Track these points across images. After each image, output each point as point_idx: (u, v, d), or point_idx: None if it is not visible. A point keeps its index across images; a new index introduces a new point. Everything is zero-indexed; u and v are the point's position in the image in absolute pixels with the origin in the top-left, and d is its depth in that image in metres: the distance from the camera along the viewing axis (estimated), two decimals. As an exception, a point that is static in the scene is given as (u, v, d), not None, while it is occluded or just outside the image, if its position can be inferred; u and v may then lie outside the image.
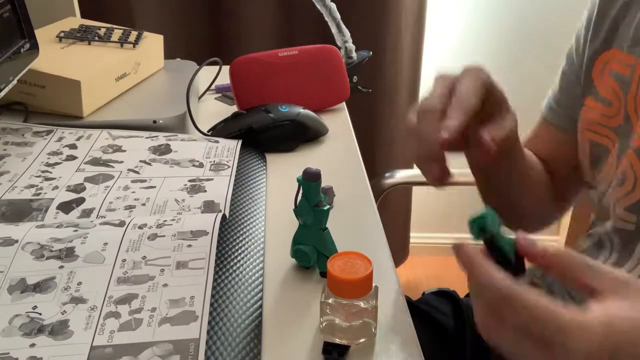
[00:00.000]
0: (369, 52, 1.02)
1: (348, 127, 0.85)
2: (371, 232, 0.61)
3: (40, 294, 0.46)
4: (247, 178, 0.68)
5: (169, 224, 0.53)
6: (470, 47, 1.68)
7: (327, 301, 0.46)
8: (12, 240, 0.51)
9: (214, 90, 0.97)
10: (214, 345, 0.44)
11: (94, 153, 0.70)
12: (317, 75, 0.86)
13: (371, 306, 0.46)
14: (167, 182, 0.64)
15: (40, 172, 0.66)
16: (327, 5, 0.95)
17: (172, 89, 0.88)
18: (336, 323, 0.46)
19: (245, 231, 0.58)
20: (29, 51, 0.74)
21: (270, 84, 0.83)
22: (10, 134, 0.74)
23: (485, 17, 1.65)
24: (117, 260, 0.49)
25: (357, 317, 0.46)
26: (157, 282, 0.48)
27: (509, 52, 1.69)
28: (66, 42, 0.87)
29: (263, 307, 0.50)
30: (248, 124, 0.76)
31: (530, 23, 1.66)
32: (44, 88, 0.78)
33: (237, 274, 0.52)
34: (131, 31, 0.91)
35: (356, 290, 0.45)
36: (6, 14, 0.70)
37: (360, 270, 0.45)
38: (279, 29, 1.47)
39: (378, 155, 1.61)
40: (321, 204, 0.52)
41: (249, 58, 0.83)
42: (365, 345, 0.47)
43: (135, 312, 0.45)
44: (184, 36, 1.45)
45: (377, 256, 0.57)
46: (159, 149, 0.71)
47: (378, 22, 1.45)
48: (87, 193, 0.62)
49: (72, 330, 0.44)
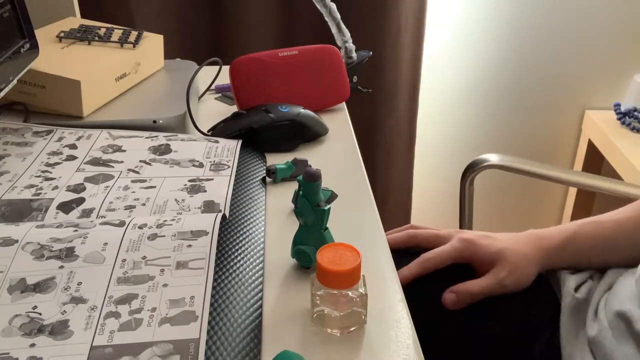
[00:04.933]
0: (369, 52, 1.02)
1: (348, 127, 0.85)
2: (371, 232, 0.61)
3: (40, 294, 0.46)
4: (247, 178, 0.68)
5: (169, 224, 0.53)
6: (470, 47, 1.68)
7: (317, 292, 0.47)
8: (12, 240, 0.51)
9: (214, 90, 0.97)
10: (214, 345, 0.44)
11: (94, 153, 0.70)
12: (317, 75, 0.86)
13: (360, 295, 0.47)
14: (167, 182, 0.64)
15: (40, 172, 0.66)
16: (327, 5, 0.95)
17: (172, 89, 0.88)
18: (326, 313, 0.47)
19: (245, 231, 0.58)
20: (29, 51, 0.74)
21: (270, 84, 0.83)
22: (10, 134, 0.74)
23: (485, 17, 1.65)
24: (117, 260, 0.49)
25: (348, 307, 0.47)
26: (157, 282, 0.48)
27: (509, 52, 1.69)
28: (66, 42, 0.87)
29: (263, 307, 0.50)
30: (248, 124, 0.76)
31: (530, 23, 1.66)
32: (44, 88, 0.78)
33: (237, 274, 0.52)
34: (131, 31, 0.91)
35: (345, 281, 0.46)
36: (6, 14, 0.69)
37: (349, 261, 0.46)
38: (279, 29, 1.47)
39: (378, 155, 1.61)
40: (322, 204, 0.52)
41: (249, 58, 0.83)
42: (357, 335, 0.47)
43: (135, 312, 0.45)
44: (184, 36, 1.45)
45: (377, 256, 0.57)
46: (159, 149, 0.71)
47: (378, 22, 1.45)
48: (87, 193, 0.62)
49: (72, 330, 0.44)
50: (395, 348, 0.47)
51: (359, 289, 0.47)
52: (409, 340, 0.47)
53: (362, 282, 0.47)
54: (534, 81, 1.73)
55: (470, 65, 1.70)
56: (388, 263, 0.57)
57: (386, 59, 1.49)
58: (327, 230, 0.53)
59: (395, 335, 0.48)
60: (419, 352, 0.46)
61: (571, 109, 1.77)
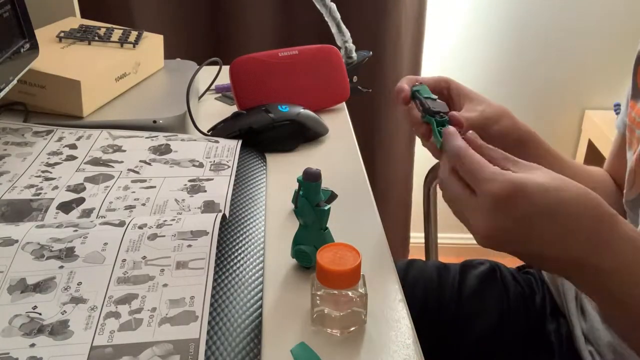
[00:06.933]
0: (369, 52, 1.02)
1: (348, 127, 0.85)
2: (371, 232, 0.61)
3: (40, 294, 0.46)
4: (247, 178, 0.68)
5: (169, 224, 0.53)
6: (470, 47, 1.68)
7: (317, 292, 0.47)
8: (12, 240, 0.51)
9: (214, 90, 0.97)
10: (214, 345, 0.44)
11: (94, 153, 0.70)
12: (317, 75, 0.86)
13: (360, 295, 0.47)
14: (167, 182, 0.64)
15: (40, 172, 0.66)
16: (327, 5, 0.95)
17: (172, 89, 0.88)
18: (326, 313, 0.47)
19: (245, 231, 0.58)
20: (29, 51, 0.74)
21: (270, 84, 0.83)
22: (10, 134, 0.74)
23: (485, 17, 1.65)
24: (117, 260, 0.49)
25: (348, 307, 0.47)
26: (157, 282, 0.48)
27: (509, 52, 1.69)
28: (66, 42, 0.87)
29: (263, 307, 0.50)
30: (248, 124, 0.76)
31: (530, 23, 1.66)
32: (44, 88, 0.78)
33: (237, 274, 0.52)
34: (131, 31, 0.91)
35: (345, 281, 0.46)
36: (6, 14, 0.69)
37: (349, 261, 0.46)
38: (279, 29, 1.47)
39: (378, 155, 1.61)
40: (322, 204, 0.52)
41: (249, 58, 0.83)
42: (357, 335, 0.47)
43: (135, 312, 0.45)
44: (184, 36, 1.45)
45: (377, 256, 0.57)
46: (159, 149, 0.71)
47: (378, 22, 1.45)
48: (87, 193, 0.62)
49: (72, 330, 0.44)
50: (395, 348, 0.47)
51: (359, 289, 0.47)
52: (409, 340, 0.47)
53: (362, 282, 0.47)
54: (534, 81, 1.74)
55: (470, 65, 1.70)
56: (388, 263, 0.57)
57: (386, 59, 1.49)
58: (327, 230, 0.53)
59: (395, 335, 0.48)
60: (419, 352, 0.46)
61: (571, 109, 1.77)
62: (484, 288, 0.82)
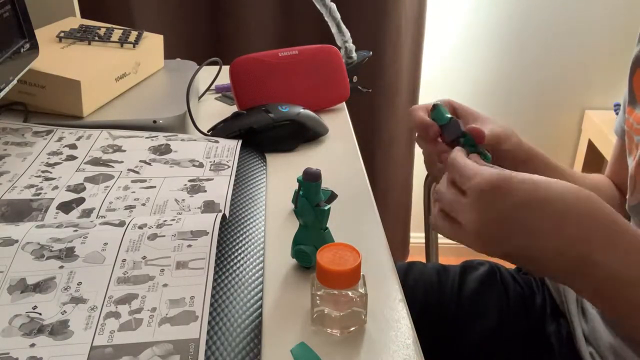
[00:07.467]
0: (369, 52, 1.02)
1: (348, 127, 0.85)
2: (371, 232, 0.61)
3: (40, 294, 0.46)
4: (247, 178, 0.68)
5: (169, 224, 0.53)
6: (470, 47, 1.68)
7: (317, 292, 0.47)
8: (12, 240, 0.51)
9: (214, 90, 0.97)
10: (214, 345, 0.44)
11: (94, 153, 0.70)
12: (317, 75, 0.86)
13: (360, 295, 0.47)
14: (167, 182, 0.64)
15: (40, 172, 0.66)
16: (327, 5, 0.95)
17: (172, 89, 0.88)
18: (326, 313, 0.47)
19: (245, 231, 0.58)
20: (29, 51, 0.74)
21: (270, 84, 0.83)
22: (10, 134, 0.74)
23: (485, 17, 1.65)
24: (117, 260, 0.49)
25: (347, 307, 0.47)
26: (157, 282, 0.48)
27: (509, 52, 1.69)
28: (66, 42, 0.87)
29: (263, 307, 0.50)
30: (248, 124, 0.76)
31: (530, 23, 1.66)
32: (44, 88, 0.78)
33: (237, 274, 0.52)
34: (131, 31, 0.91)
35: (345, 281, 0.46)
36: (6, 14, 0.69)
37: (349, 261, 0.46)
38: (279, 29, 1.47)
39: (378, 155, 1.61)
40: (322, 204, 0.52)
41: (249, 58, 0.83)
42: (357, 335, 0.47)
43: (135, 312, 0.45)
44: (184, 36, 1.45)
45: (377, 256, 0.57)
46: (159, 149, 0.71)
47: (378, 22, 1.45)
48: (87, 193, 0.62)
49: (72, 330, 0.44)
50: (395, 348, 0.47)
51: (359, 289, 0.47)
52: (409, 340, 0.47)
53: (362, 282, 0.47)
54: (534, 81, 1.74)
55: (470, 65, 1.70)
56: (388, 263, 0.57)
57: (386, 59, 1.49)
58: (327, 230, 0.53)
59: (395, 335, 0.48)
60: (419, 352, 0.46)
61: (571, 109, 1.77)
62: (484, 289, 0.82)
